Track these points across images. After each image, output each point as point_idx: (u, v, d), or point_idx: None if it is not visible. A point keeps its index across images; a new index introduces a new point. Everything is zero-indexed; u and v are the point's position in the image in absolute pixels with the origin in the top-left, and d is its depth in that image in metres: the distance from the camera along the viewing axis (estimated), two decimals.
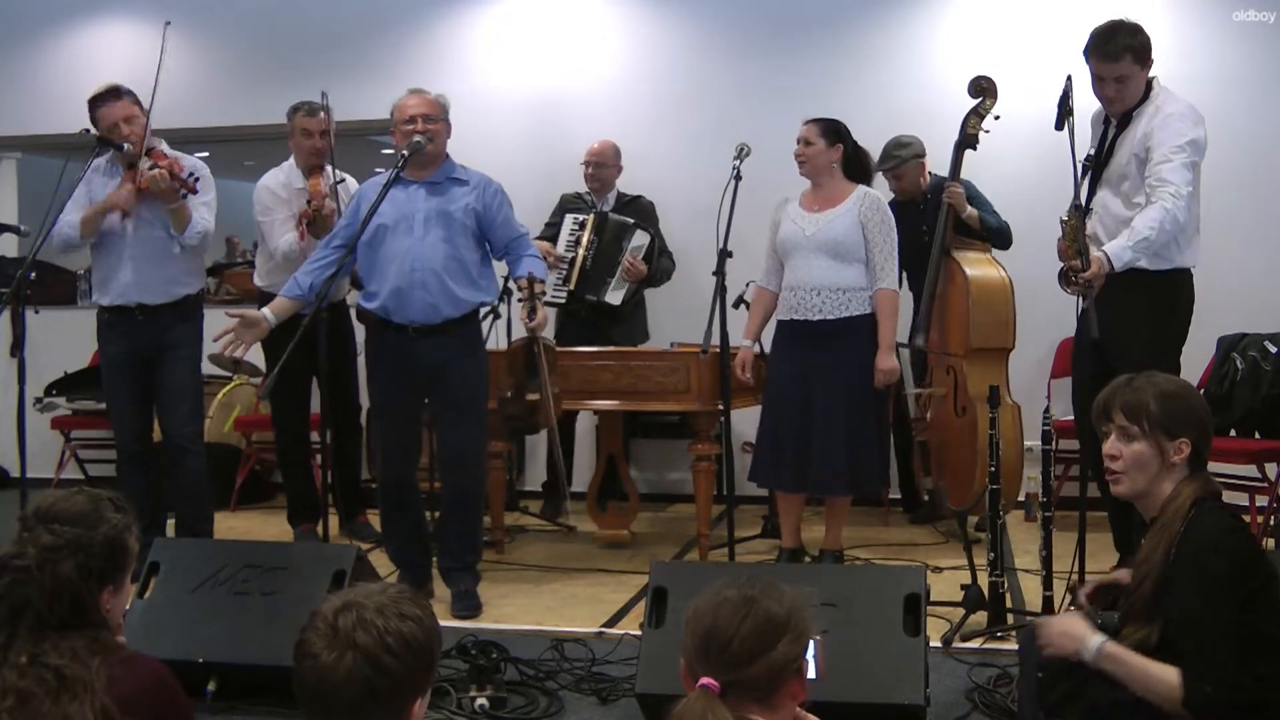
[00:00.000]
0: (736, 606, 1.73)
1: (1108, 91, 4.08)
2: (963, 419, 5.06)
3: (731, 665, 1.69)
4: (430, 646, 1.67)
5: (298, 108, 5.28)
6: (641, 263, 5.67)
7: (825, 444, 4.48)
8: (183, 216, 4.59)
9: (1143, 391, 2.45)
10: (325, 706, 1.62)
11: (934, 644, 3.47)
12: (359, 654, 1.60)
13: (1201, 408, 2.47)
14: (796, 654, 1.73)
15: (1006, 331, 5.09)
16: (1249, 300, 5.59)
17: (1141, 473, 2.42)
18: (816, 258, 4.52)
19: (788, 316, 4.58)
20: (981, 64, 5.92)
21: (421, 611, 1.68)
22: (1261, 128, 5.90)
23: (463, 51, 6.80)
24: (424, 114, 4.21)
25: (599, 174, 5.87)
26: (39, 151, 7.72)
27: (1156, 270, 3.99)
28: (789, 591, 1.78)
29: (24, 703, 1.81)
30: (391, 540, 4.41)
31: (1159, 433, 2.40)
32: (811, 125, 4.61)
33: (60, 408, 6.82)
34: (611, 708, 3.27)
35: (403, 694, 1.63)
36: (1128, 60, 4.00)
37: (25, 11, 7.34)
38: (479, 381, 4.31)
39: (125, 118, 4.57)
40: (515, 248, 4.32)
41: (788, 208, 4.66)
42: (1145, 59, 4.04)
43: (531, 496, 6.19)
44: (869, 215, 4.54)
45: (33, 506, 1.99)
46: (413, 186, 4.22)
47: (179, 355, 4.71)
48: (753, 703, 1.70)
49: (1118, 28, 4.05)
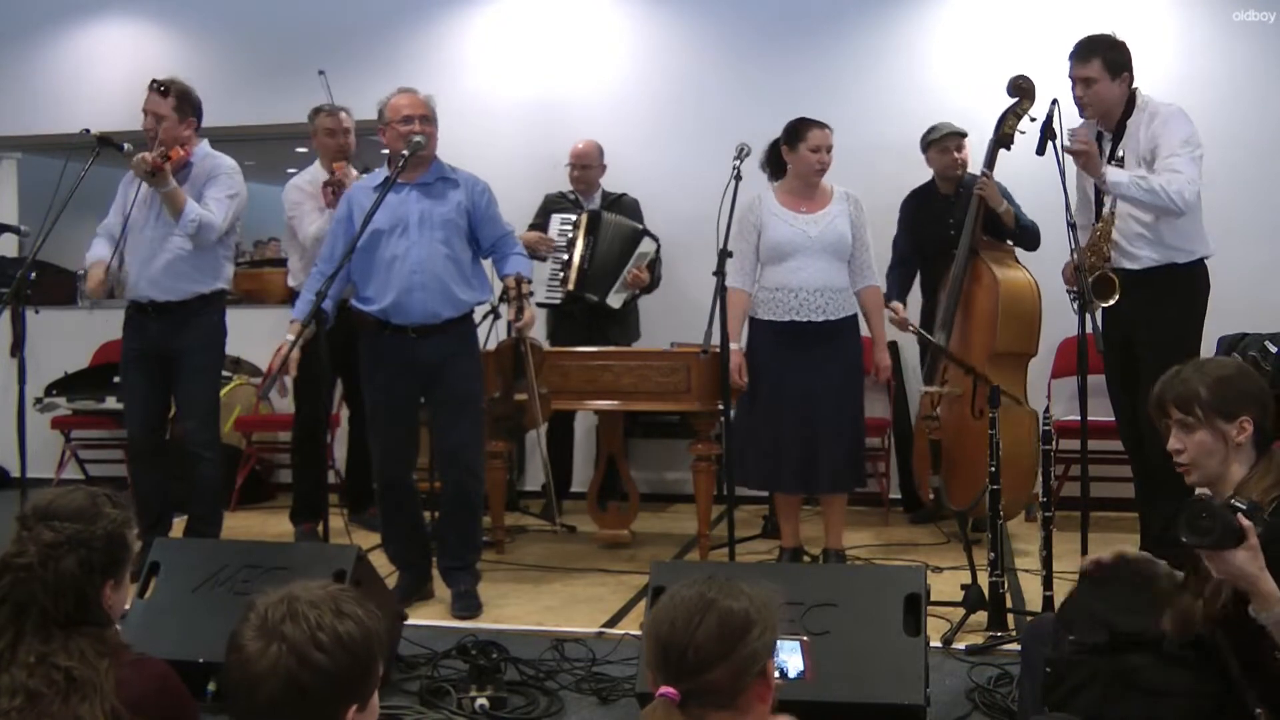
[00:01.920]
0: (692, 611, 1.67)
1: (1076, 92, 4.32)
2: (980, 421, 5.04)
3: (690, 672, 1.63)
4: (368, 648, 1.56)
5: (319, 109, 5.38)
6: (645, 271, 5.69)
7: (833, 443, 4.49)
8: (174, 203, 4.52)
9: (1191, 380, 2.43)
10: (246, 701, 1.52)
11: (934, 644, 3.47)
12: (285, 645, 1.50)
13: (1255, 383, 2.45)
14: (759, 655, 1.66)
15: (1031, 337, 5.05)
16: (1249, 300, 5.59)
17: (1209, 459, 2.41)
18: (821, 259, 4.51)
19: (785, 318, 4.54)
20: (980, 65, 5.95)
21: (363, 612, 1.58)
22: (1262, 128, 5.90)
23: (460, 52, 6.80)
24: (421, 114, 4.21)
25: (584, 175, 5.90)
26: (39, 151, 7.71)
27: (1180, 263, 4.19)
28: (749, 590, 1.71)
29: (33, 702, 1.81)
30: (390, 541, 4.41)
31: (1215, 417, 2.39)
32: (831, 132, 4.60)
33: (60, 408, 6.82)
34: (611, 708, 3.27)
35: (333, 698, 1.52)
36: (1097, 64, 4.25)
37: (25, 11, 7.34)
38: (475, 380, 4.33)
39: (153, 111, 4.61)
40: (501, 246, 4.33)
41: (768, 207, 4.60)
42: (1119, 72, 4.27)
43: (531, 496, 6.19)
44: (856, 215, 4.60)
45: (31, 505, 2.00)
46: (405, 189, 4.21)
47: (195, 359, 4.68)
48: (715, 709, 1.64)
49: (1098, 37, 4.29)
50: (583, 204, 5.86)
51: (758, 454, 4.59)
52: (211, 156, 4.74)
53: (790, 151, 4.60)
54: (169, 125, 4.59)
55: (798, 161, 4.59)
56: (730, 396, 4.51)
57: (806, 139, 4.57)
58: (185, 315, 4.67)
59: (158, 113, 4.61)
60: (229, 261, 4.87)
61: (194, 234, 4.58)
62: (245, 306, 7.52)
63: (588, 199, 5.90)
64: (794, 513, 4.74)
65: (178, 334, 4.66)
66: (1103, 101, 4.30)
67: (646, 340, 5.94)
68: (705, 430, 4.91)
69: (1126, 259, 4.27)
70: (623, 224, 5.74)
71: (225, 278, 4.82)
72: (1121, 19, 6.03)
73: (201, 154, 4.72)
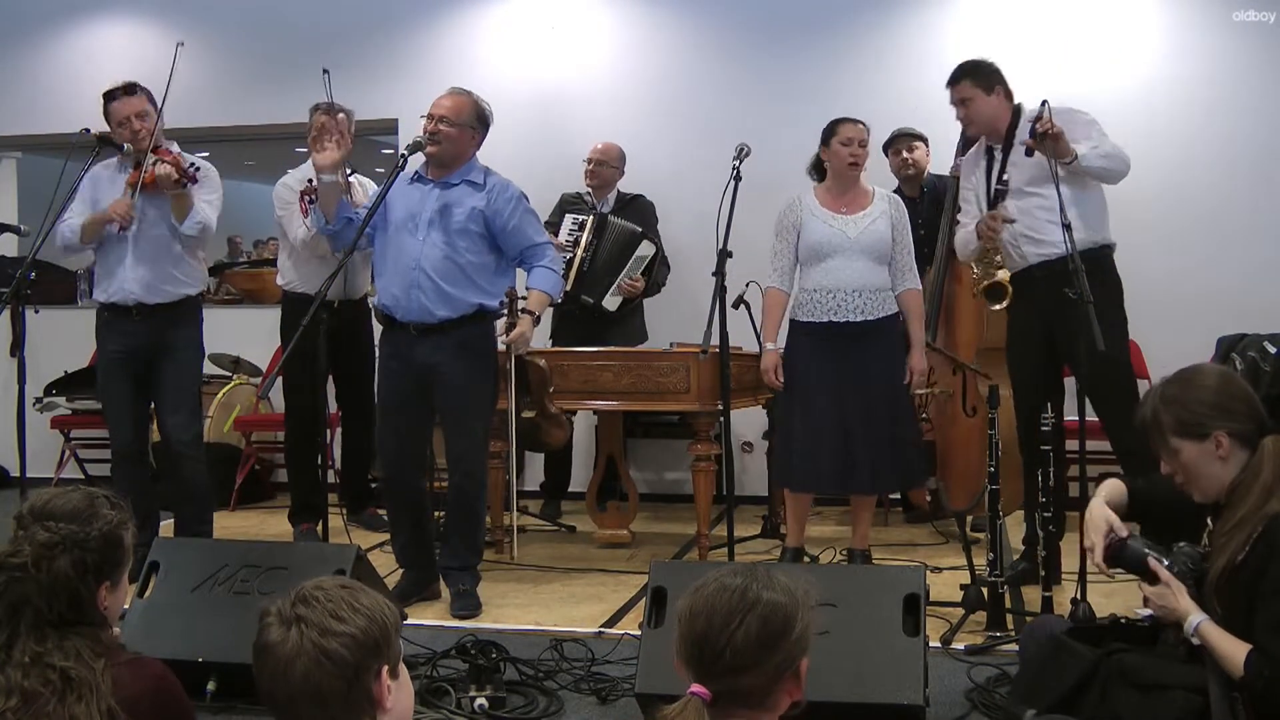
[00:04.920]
0: (733, 609, 1.61)
1: (958, 115, 4.49)
2: (973, 419, 5.05)
3: (726, 674, 1.59)
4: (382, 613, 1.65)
5: (318, 106, 5.31)
6: (640, 279, 5.72)
7: (872, 444, 4.46)
8: (184, 205, 4.56)
9: (1149, 409, 2.47)
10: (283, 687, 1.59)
11: (933, 644, 3.47)
12: (305, 625, 1.58)
13: (1218, 394, 2.45)
14: (795, 656, 1.62)
15: None
16: (1249, 300, 5.59)
17: (1201, 476, 2.44)
18: (859, 259, 4.49)
19: (823, 319, 4.49)
20: None
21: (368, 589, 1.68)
22: (1261, 128, 5.90)
23: (463, 52, 6.80)
24: (440, 114, 4.20)
25: (600, 172, 5.87)
26: (39, 151, 7.72)
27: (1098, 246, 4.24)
28: (789, 589, 1.65)
29: (29, 702, 1.81)
30: (395, 539, 4.42)
31: (1186, 438, 2.41)
32: (865, 126, 4.59)
33: (60, 407, 6.83)
34: (611, 708, 3.27)
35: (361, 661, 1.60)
36: (967, 84, 4.39)
37: (26, 11, 7.35)
38: (477, 384, 4.25)
39: (138, 113, 4.58)
40: (529, 257, 4.29)
41: (807, 207, 4.58)
42: (991, 86, 4.38)
43: (531, 496, 6.19)
44: (897, 217, 4.59)
45: (28, 505, 2.00)
46: (429, 185, 4.24)
47: (178, 358, 4.69)
48: (745, 710, 1.61)
49: (965, 62, 4.46)
50: (596, 205, 5.87)
51: (798, 455, 4.52)
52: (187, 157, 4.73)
53: (825, 149, 4.61)
54: (152, 121, 4.58)
55: (831, 157, 4.58)
56: (730, 397, 4.51)
57: (838, 133, 4.57)
58: (172, 316, 4.68)
59: (142, 111, 4.59)
60: (204, 264, 4.95)
61: (197, 234, 4.62)
62: (245, 306, 7.54)
63: (602, 199, 5.90)
64: (803, 513, 4.69)
65: (165, 334, 4.66)
66: (981, 115, 4.40)
67: (652, 341, 5.93)
68: (705, 430, 4.91)
69: (1041, 248, 4.25)
70: (626, 228, 5.74)
71: (204, 278, 4.92)
72: (1121, 19, 6.05)
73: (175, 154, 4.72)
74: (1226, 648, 2.31)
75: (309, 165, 5.34)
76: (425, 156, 4.24)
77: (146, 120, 4.58)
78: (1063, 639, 2.59)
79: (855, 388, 4.47)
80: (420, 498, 4.37)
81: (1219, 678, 2.31)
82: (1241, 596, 2.33)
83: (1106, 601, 3.52)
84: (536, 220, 4.37)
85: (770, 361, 4.53)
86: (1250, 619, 2.30)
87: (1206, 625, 2.35)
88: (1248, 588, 2.31)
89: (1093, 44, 6.07)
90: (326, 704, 1.58)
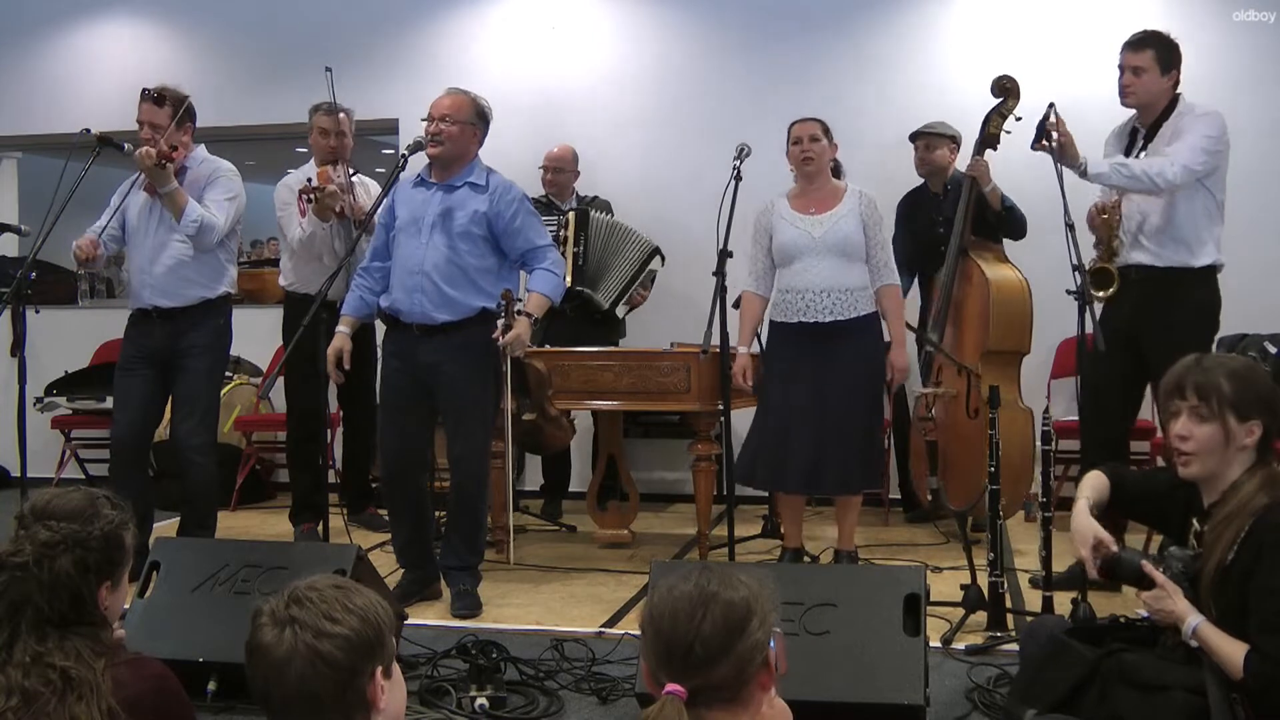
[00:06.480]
0: (694, 604, 1.63)
1: (1124, 80, 4.28)
2: (976, 421, 5.04)
3: (697, 669, 1.61)
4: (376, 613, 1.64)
5: (318, 106, 5.32)
6: (646, 292, 5.87)
7: (841, 444, 4.47)
8: (175, 203, 4.51)
9: (1213, 371, 2.43)
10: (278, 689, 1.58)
11: (934, 644, 3.47)
12: (298, 626, 1.58)
13: (1271, 391, 2.45)
14: (761, 645, 1.64)
15: (1024, 335, 5.03)
16: (1249, 300, 5.58)
17: (1212, 454, 2.42)
18: (825, 259, 4.50)
19: (793, 319, 4.53)
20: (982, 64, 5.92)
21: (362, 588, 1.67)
22: (1262, 128, 5.89)
23: (463, 52, 6.80)
24: (442, 114, 4.19)
25: (558, 179, 5.98)
26: (39, 151, 7.72)
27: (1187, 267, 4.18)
28: (744, 579, 1.68)
29: (29, 702, 1.81)
30: (395, 539, 4.42)
31: (1230, 414, 2.39)
32: (814, 123, 4.59)
33: (60, 407, 6.83)
34: (611, 708, 3.27)
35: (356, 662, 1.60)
36: (1150, 55, 4.24)
37: (26, 11, 7.35)
38: (477, 386, 4.25)
39: (150, 122, 4.58)
40: (530, 259, 4.28)
41: (778, 211, 4.61)
42: (1169, 67, 4.26)
43: (531, 496, 6.19)
44: (869, 214, 4.56)
45: (29, 504, 2.00)
46: (433, 188, 4.24)
47: (195, 362, 4.67)
48: (721, 705, 1.62)
49: (1156, 32, 4.31)
50: (559, 206, 5.89)
51: (764, 454, 4.57)
52: (210, 160, 4.74)
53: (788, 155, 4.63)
54: (169, 135, 4.56)
55: (789, 159, 4.62)
56: (730, 397, 4.51)
57: (790, 134, 4.63)
58: (191, 320, 4.67)
59: (155, 123, 4.58)
60: (231, 264, 4.86)
61: (195, 235, 4.57)
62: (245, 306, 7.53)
63: (562, 203, 5.95)
64: (797, 514, 4.72)
65: (183, 337, 4.66)
66: (1148, 93, 4.27)
67: (647, 340, 5.93)
68: (705, 430, 4.91)
69: (1137, 251, 4.25)
70: (615, 224, 5.78)
71: (229, 281, 4.82)
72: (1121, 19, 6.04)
73: (199, 158, 4.72)
74: (1225, 649, 2.32)
75: (309, 165, 5.37)
76: (428, 158, 4.24)
77: (157, 133, 4.56)
78: (1063, 639, 2.59)
79: (824, 387, 4.48)
80: (421, 498, 4.36)
81: (1218, 678, 2.32)
82: (1235, 596, 2.34)
83: (1107, 602, 3.52)
84: (538, 222, 4.37)
85: (740, 364, 4.56)
86: (1246, 618, 2.31)
87: (1204, 627, 2.36)
88: (1240, 587, 2.33)
89: (1093, 44, 6.07)
90: (321, 706, 1.59)
